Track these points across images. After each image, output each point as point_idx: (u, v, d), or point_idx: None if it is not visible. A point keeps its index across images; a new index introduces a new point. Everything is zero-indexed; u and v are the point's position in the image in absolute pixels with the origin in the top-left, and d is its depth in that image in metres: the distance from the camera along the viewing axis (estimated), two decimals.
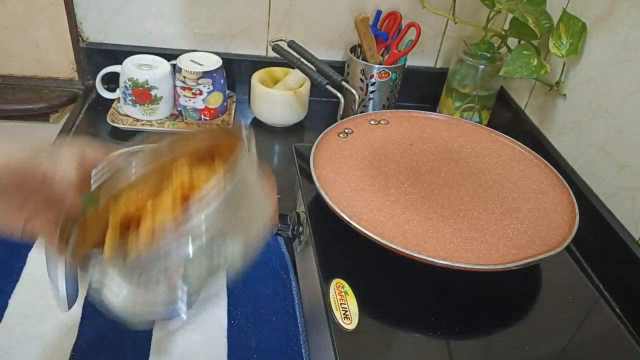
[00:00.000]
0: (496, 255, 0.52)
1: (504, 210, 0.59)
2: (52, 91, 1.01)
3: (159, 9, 0.96)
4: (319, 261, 0.56)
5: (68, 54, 0.99)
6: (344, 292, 0.52)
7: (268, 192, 0.39)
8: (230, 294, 0.65)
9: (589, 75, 0.78)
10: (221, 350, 0.59)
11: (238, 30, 1.01)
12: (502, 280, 0.55)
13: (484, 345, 0.52)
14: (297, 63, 0.88)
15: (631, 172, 0.68)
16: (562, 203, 0.61)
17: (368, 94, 0.96)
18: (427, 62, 1.08)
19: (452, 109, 0.99)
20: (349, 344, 0.47)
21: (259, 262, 0.70)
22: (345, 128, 0.71)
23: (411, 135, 0.72)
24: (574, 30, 0.78)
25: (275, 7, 0.98)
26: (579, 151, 0.79)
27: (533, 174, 0.66)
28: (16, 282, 0.64)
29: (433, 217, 0.57)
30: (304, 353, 0.59)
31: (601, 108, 0.75)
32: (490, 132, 0.73)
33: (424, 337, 0.51)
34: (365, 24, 0.91)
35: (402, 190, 0.61)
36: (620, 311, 0.61)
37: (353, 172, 0.63)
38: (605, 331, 0.54)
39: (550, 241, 0.55)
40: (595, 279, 0.68)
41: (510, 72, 0.80)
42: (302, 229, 0.66)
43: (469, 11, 0.99)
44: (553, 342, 0.51)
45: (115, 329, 0.60)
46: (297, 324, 0.62)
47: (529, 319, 0.54)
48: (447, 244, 0.53)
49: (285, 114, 0.95)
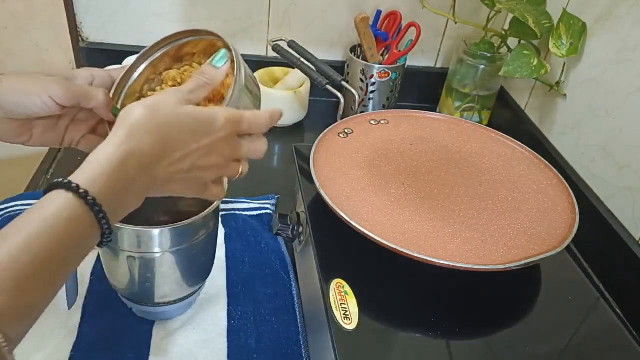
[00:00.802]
0: (496, 255, 0.52)
1: (504, 210, 0.59)
2: None
3: (158, 8, 0.96)
4: (319, 261, 0.56)
5: (68, 54, 0.99)
6: (344, 292, 0.52)
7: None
8: (230, 294, 0.65)
9: (589, 75, 0.78)
10: (221, 350, 0.59)
11: (238, 30, 1.01)
12: (502, 280, 0.55)
13: (484, 345, 0.52)
14: (297, 63, 0.88)
15: (631, 172, 0.68)
16: (562, 203, 0.61)
17: (368, 94, 0.96)
18: (427, 62, 1.08)
19: (452, 109, 0.99)
20: (349, 344, 0.47)
21: (259, 262, 0.70)
22: (345, 128, 0.71)
23: (411, 135, 0.72)
24: (574, 30, 0.78)
25: (275, 7, 0.98)
26: (579, 151, 0.79)
27: (533, 174, 0.66)
28: None
29: (433, 217, 0.57)
30: (304, 353, 0.59)
31: (601, 108, 0.75)
32: (490, 132, 0.73)
33: (424, 337, 0.51)
34: (365, 24, 0.91)
35: (402, 190, 0.61)
36: (620, 311, 0.61)
37: (353, 172, 0.63)
38: (605, 331, 0.54)
39: (550, 241, 0.55)
40: (595, 279, 0.68)
41: (511, 72, 0.80)
42: (302, 229, 0.66)
43: (469, 11, 0.99)
44: (553, 342, 0.51)
45: (115, 328, 0.60)
46: (297, 324, 0.62)
47: (529, 319, 0.54)
48: (447, 244, 0.53)
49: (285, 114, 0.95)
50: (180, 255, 0.54)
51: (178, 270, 0.55)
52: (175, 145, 0.39)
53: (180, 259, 0.55)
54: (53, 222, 0.32)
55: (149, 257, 0.52)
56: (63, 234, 0.32)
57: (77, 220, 0.33)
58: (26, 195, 0.75)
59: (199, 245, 0.55)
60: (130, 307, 0.61)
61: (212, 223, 0.56)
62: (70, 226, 0.33)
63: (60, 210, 0.33)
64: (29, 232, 0.31)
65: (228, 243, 0.72)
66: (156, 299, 0.57)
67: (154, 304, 0.58)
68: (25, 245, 0.31)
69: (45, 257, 0.31)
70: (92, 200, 0.33)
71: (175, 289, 0.57)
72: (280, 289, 0.67)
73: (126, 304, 0.61)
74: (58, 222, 0.32)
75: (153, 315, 0.61)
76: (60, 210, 0.33)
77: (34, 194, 0.76)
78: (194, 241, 0.54)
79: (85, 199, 0.33)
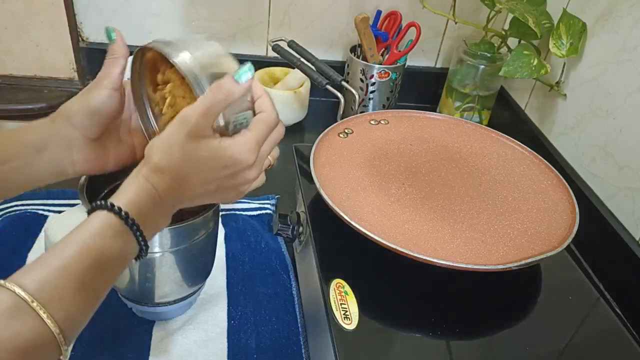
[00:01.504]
0: (496, 255, 0.52)
1: (504, 210, 0.59)
2: (52, 91, 1.01)
3: (158, 8, 0.97)
4: (319, 261, 0.56)
5: (68, 54, 0.99)
6: (344, 292, 0.52)
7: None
8: (230, 294, 0.65)
9: (589, 75, 0.78)
10: (221, 350, 0.59)
11: (238, 30, 1.01)
12: (502, 280, 0.55)
13: (484, 345, 0.52)
14: (297, 63, 0.88)
15: (631, 172, 0.68)
16: (562, 203, 0.61)
17: (368, 94, 0.96)
18: (427, 62, 1.08)
19: (452, 109, 0.99)
20: (349, 344, 0.47)
21: (259, 262, 0.70)
22: (345, 128, 0.71)
23: (411, 135, 0.72)
24: (574, 30, 0.78)
25: (275, 7, 0.98)
26: (579, 151, 0.79)
27: (533, 174, 0.66)
28: None
29: (433, 217, 0.57)
30: (303, 353, 0.59)
31: (601, 108, 0.75)
32: (490, 132, 0.73)
33: (424, 337, 0.51)
34: (365, 24, 0.91)
35: (402, 190, 0.61)
36: (620, 311, 0.61)
37: (353, 172, 0.63)
38: (605, 331, 0.54)
39: (550, 241, 0.55)
40: (595, 279, 0.68)
41: (511, 72, 0.80)
42: (302, 229, 0.66)
43: (469, 11, 0.99)
44: (553, 342, 0.51)
45: (115, 328, 0.60)
46: (297, 324, 0.62)
47: (529, 319, 0.54)
48: (447, 244, 0.53)
49: (285, 114, 0.95)
50: (180, 255, 0.54)
51: (178, 270, 0.55)
52: (195, 183, 0.43)
53: (180, 259, 0.55)
54: (99, 238, 0.37)
55: (149, 256, 0.52)
56: (106, 246, 0.37)
57: (118, 234, 0.38)
58: (25, 196, 0.75)
59: (199, 245, 0.55)
60: (130, 307, 0.61)
61: (212, 223, 0.56)
62: (112, 240, 0.38)
63: (102, 227, 0.38)
64: (81, 246, 0.36)
65: (228, 243, 0.72)
66: (156, 298, 0.57)
67: (154, 304, 0.58)
68: (78, 256, 0.36)
69: (93, 269, 0.36)
70: (131, 221, 0.39)
71: (175, 288, 0.57)
72: (280, 289, 0.67)
73: (126, 304, 0.61)
74: (102, 237, 0.37)
75: (153, 315, 0.61)
76: (102, 227, 0.38)
77: (32, 194, 0.76)
78: (194, 241, 0.54)
79: (125, 219, 0.38)
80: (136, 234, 0.39)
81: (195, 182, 0.42)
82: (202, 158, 0.42)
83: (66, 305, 0.34)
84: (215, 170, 0.43)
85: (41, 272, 0.34)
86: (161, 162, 0.41)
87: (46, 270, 0.34)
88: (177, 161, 0.41)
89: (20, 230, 0.70)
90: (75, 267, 0.35)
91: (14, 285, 0.33)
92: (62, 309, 0.34)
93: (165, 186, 0.41)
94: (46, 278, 0.34)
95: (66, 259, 0.35)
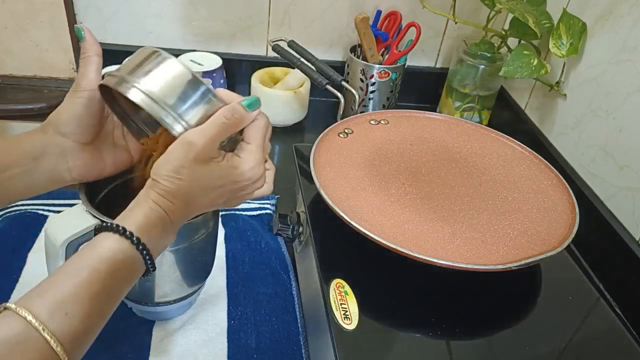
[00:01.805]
0: (496, 255, 0.52)
1: (504, 210, 0.59)
2: (52, 91, 1.01)
3: (158, 8, 0.97)
4: (319, 261, 0.56)
5: (68, 54, 0.99)
6: (344, 292, 0.52)
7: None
8: (230, 294, 0.65)
9: (589, 75, 0.78)
10: (221, 350, 0.59)
11: (238, 30, 1.01)
12: (502, 280, 0.55)
13: (484, 345, 0.52)
14: (297, 63, 0.88)
15: (631, 172, 0.68)
16: (562, 203, 0.61)
17: (368, 94, 0.96)
18: (427, 62, 1.08)
19: (452, 109, 0.99)
20: (349, 344, 0.47)
21: (259, 262, 0.70)
22: (345, 128, 0.71)
23: (411, 135, 0.72)
24: (574, 30, 0.78)
25: (275, 7, 0.98)
26: (579, 151, 0.79)
27: (533, 174, 0.66)
28: (16, 282, 0.64)
29: (433, 217, 0.57)
30: (303, 353, 0.59)
31: (601, 108, 0.75)
32: (490, 132, 0.73)
33: (424, 337, 0.51)
34: (365, 24, 0.91)
35: (402, 190, 0.61)
36: (620, 311, 0.61)
37: (353, 172, 0.63)
38: (605, 331, 0.54)
39: (550, 241, 0.55)
40: (595, 279, 0.68)
41: (511, 72, 0.80)
42: (302, 229, 0.66)
43: (469, 11, 0.99)
44: (553, 342, 0.51)
45: (115, 328, 0.60)
46: (297, 324, 0.62)
47: (529, 319, 0.54)
48: (447, 244, 0.53)
49: (285, 114, 0.95)
50: (180, 255, 0.54)
51: (178, 269, 0.55)
52: (205, 203, 0.44)
53: (180, 258, 0.55)
54: (110, 263, 0.38)
55: None
56: (116, 270, 0.38)
57: (127, 259, 0.39)
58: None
59: (198, 245, 0.55)
60: (130, 306, 0.61)
61: (211, 223, 0.56)
62: (122, 264, 0.39)
63: (113, 252, 0.39)
64: (90, 271, 0.37)
65: (228, 243, 0.72)
66: (156, 298, 0.57)
67: (154, 304, 0.58)
68: (88, 281, 0.37)
69: (103, 293, 0.38)
70: (142, 246, 0.40)
71: (175, 288, 0.57)
72: (280, 289, 0.67)
73: (126, 304, 0.61)
74: (114, 261, 0.38)
75: (153, 315, 0.61)
76: (114, 252, 0.39)
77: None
78: (193, 240, 0.54)
79: (137, 245, 0.40)
80: (145, 258, 0.41)
81: (205, 202, 0.44)
82: (212, 179, 0.43)
83: (74, 330, 0.35)
84: (225, 186, 0.44)
85: (52, 298, 0.35)
86: (171, 187, 0.42)
87: (57, 297, 0.35)
88: (186, 185, 0.42)
89: (20, 230, 0.70)
90: (85, 294, 0.36)
91: (26, 312, 0.34)
92: (70, 333, 0.35)
93: (175, 209, 0.42)
94: (57, 306, 0.35)
95: (76, 285, 0.36)
